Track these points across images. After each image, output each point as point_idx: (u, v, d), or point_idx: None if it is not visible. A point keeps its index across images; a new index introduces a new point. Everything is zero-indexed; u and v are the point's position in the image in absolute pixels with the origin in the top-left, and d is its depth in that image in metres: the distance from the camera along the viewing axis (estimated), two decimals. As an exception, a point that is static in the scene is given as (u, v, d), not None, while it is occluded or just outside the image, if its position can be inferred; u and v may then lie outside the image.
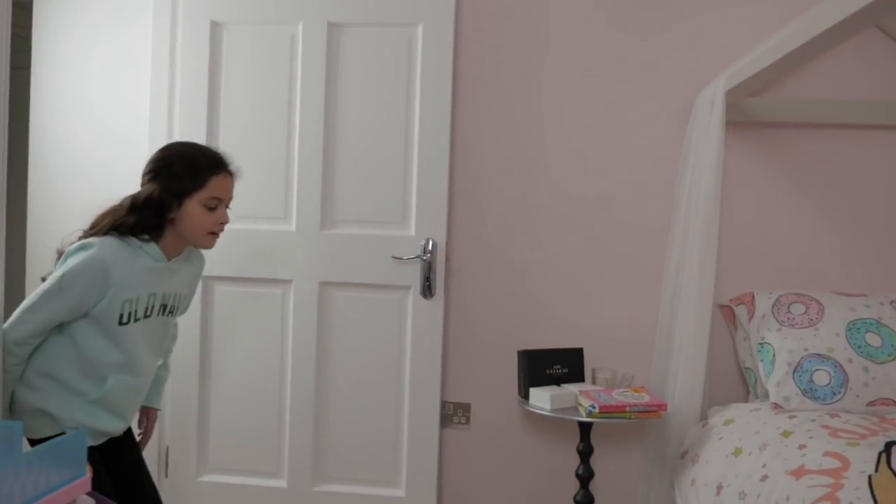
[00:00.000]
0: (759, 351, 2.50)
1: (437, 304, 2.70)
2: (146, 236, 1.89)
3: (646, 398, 2.46)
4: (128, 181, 2.12)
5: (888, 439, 1.98)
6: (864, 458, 1.86)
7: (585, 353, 2.76)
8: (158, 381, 2.19)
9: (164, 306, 1.98)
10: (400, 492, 2.73)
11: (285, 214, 2.77)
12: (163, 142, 2.53)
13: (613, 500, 2.79)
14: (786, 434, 2.14)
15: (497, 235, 2.88)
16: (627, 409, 2.42)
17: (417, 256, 2.68)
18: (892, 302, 2.51)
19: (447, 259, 2.75)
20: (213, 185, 1.92)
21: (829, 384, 2.33)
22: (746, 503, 2.01)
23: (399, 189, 2.72)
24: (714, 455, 2.31)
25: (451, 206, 2.85)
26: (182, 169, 1.90)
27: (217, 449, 2.80)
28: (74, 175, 2.92)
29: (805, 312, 2.48)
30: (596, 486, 2.71)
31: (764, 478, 2.01)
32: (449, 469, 2.91)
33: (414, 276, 2.71)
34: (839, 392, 2.32)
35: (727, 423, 2.41)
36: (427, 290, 2.69)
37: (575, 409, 2.51)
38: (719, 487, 2.19)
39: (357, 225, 2.75)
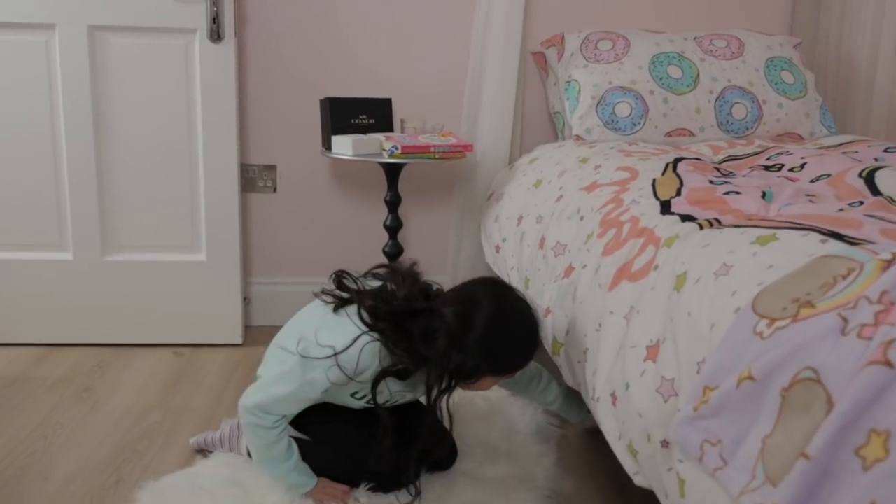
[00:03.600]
0: (566, 90, 2.44)
1: (227, 50, 2.42)
2: None
3: (452, 140, 2.36)
4: None
5: (679, 156, 1.99)
6: (652, 168, 1.85)
7: (394, 104, 2.60)
8: None
9: None
10: (201, 256, 2.56)
11: (38, -56, 2.34)
12: None
13: (424, 250, 2.74)
14: (584, 160, 2.11)
15: (295, -24, 2.59)
16: (432, 149, 2.31)
17: (200, -8, 2.36)
18: (695, 38, 2.49)
19: (237, -2, 2.45)
20: (517, 372, 1.69)
21: (629, 115, 2.31)
22: (542, 224, 1.99)
23: (175, -87, 2.34)
24: (517, 190, 2.28)
25: (240, -61, 2.53)
26: (504, 360, 1.63)
27: (-13, 222, 2.50)
28: None
29: (612, 48, 2.42)
30: (407, 239, 2.66)
31: (559, 198, 1.98)
32: (256, 233, 2.76)
33: (199, 17, 2.39)
34: (639, 123, 2.32)
35: (532, 161, 2.37)
36: (215, 33, 2.40)
37: (380, 156, 2.38)
38: (520, 218, 2.16)
39: (128, -43, 2.37)
